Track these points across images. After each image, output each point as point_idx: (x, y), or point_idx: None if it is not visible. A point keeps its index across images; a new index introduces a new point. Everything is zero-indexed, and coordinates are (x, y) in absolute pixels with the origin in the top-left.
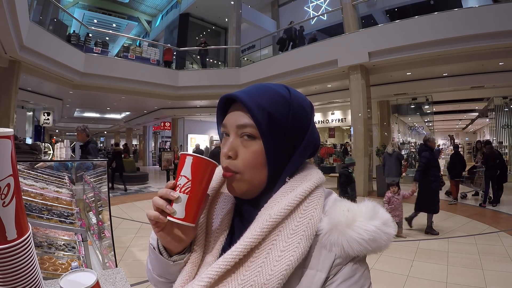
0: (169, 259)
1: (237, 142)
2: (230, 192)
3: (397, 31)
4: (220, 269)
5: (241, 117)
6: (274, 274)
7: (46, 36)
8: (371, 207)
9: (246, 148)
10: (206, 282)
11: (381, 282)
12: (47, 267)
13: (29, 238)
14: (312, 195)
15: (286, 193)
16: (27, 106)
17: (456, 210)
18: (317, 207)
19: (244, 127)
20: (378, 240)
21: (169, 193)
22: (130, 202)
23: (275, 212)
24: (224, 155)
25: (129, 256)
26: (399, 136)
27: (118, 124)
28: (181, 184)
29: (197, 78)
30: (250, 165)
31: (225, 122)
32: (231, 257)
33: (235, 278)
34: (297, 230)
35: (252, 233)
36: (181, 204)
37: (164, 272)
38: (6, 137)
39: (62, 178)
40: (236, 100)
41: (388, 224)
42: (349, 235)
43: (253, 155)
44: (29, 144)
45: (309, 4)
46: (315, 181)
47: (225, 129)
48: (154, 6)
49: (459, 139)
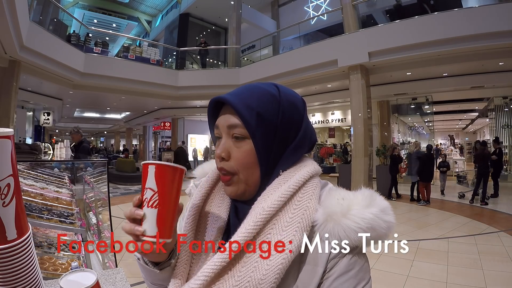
0: (155, 268)
1: (229, 143)
2: (229, 195)
3: (397, 31)
4: (215, 267)
5: (230, 118)
6: (270, 269)
7: (46, 36)
8: (368, 195)
9: (238, 148)
10: (202, 281)
11: (381, 282)
12: (47, 267)
13: (29, 238)
14: (306, 186)
15: (279, 185)
16: (27, 106)
17: (456, 210)
18: (312, 198)
19: (234, 127)
20: (377, 228)
21: (134, 212)
22: (130, 202)
23: (268, 204)
24: (218, 156)
25: (129, 256)
26: (399, 136)
27: (118, 124)
28: (148, 198)
29: (197, 78)
30: (243, 164)
31: (217, 123)
32: (226, 253)
33: (232, 275)
34: (291, 222)
35: (246, 227)
36: (151, 220)
37: (155, 279)
38: (6, 137)
39: (62, 178)
40: (221, 103)
41: (387, 212)
42: (345, 224)
43: (245, 154)
44: (29, 144)
45: (309, 4)
46: (309, 171)
47: (218, 131)
48: (154, 6)
49: (459, 139)
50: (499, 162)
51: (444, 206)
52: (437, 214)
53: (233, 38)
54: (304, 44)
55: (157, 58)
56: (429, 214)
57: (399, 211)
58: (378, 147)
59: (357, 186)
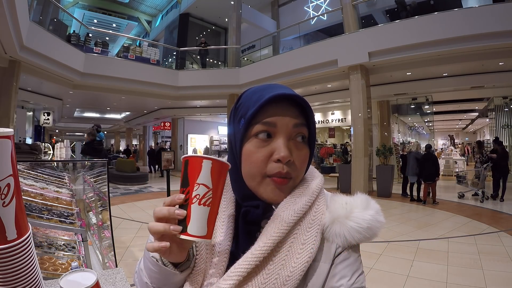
0: (176, 270)
1: (289, 144)
2: (274, 201)
3: (397, 31)
4: (250, 265)
5: (298, 117)
6: (297, 266)
7: (46, 36)
8: (365, 199)
9: (299, 151)
10: (235, 280)
11: (381, 282)
12: (47, 267)
13: (29, 238)
14: (321, 191)
15: (303, 188)
16: (27, 106)
17: (456, 210)
18: (324, 203)
19: (301, 126)
20: (373, 228)
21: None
22: (130, 202)
23: (298, 207)
24: (285, 159)
25: (129, 256)
26: (399, 136)
27: (118, 124)
28: (200, 195)
29: (197, 78)
30: (302, 168)
31: (273, 120)
32: (260, 252)
33: (261, 272)
34: (313, 223)
35: (279, 227)
36: (201, 219)
37: (167, 283)
38: (6, 137)
39: (62, 178)
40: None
41: (379, 213)
42: (349, 226)
43: (306, 158)
44: (29, 144)
45: (309, 4)
46: (322, 178)
47: (272, 129)
48: (154, 6)
49: (459, 139)
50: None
51: (444, 206)
52: (437, 214)
53: (233, 38)
54: (304, 44)
55: (157, 58)
56: (429, 214)
57: (399, 211)
58: (378, 147)
59: (357, 186)
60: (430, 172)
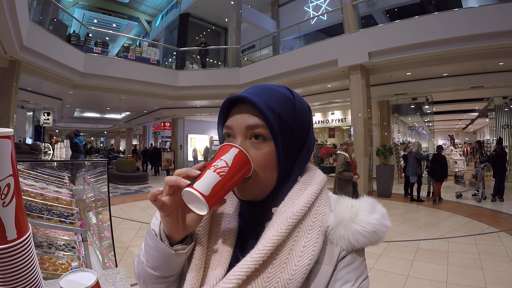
0: (171, 248)
1: (246, 144)
2: (241, 197)
3: (397, 31)
4: (249, 269)
5: (250, 119)
6: (298, 269)
7: (46, 36)
8: (371, 202)
9: (257, 150)
10: (235, 284)
11: (381, 282)
12: (47, 267)
13: (29, 238)
14: (322, 193)
15: (301, 191)
16: (27, 106)
17: (456, 210)
18: (326, 204)
19: (254, 127)
20: (379, 232)
21: (190, 170)
22: (130, 202)
23: (296, 209)
24: None
25: (129, 256)
26: (399, 136)
27: (118, 124)
28: (218, 166)
29: (197, 78)
30: (263, 167)
31: (230, 123)
32: (259, 255)
33: (261, 276)
34: (314, 226)
35: (278, 230)
36: (208, 182)
37: (161, 263)
38: (6, 137)
39: (62, 178)
40: (240, 101)
41: (386, 217)
42: (354, 229)
43: (265, 156)
44: (29, 144)
45: (309, 4)
46: (323, 179)
47: (230, 131)
48: (154, 6)
49: (459, 139)
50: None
51: (444, 206)
52: (437, 214)
53: (233, 38)
54: (304, 44)
55: (157, 58)
56: (429, 214)
57: (399, 211)
58: (378, 147)
59: (357, 186)
60: (437, 173)
